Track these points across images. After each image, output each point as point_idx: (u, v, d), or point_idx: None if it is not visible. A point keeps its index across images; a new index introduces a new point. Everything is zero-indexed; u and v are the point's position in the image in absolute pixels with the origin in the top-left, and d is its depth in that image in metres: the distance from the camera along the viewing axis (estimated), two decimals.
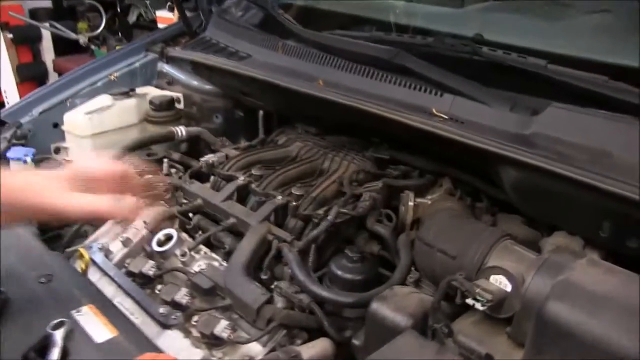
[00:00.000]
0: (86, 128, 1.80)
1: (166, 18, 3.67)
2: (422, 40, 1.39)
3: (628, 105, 1.05)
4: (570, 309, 0.79)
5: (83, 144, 1.82)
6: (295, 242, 1.24)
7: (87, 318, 1.02)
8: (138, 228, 1.43)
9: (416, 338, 0.91)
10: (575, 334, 0.77)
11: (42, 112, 1.87)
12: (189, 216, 1.47)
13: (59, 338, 0.95)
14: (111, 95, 1.87)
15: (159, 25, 3.71)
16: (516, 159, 1.05)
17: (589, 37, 1.29)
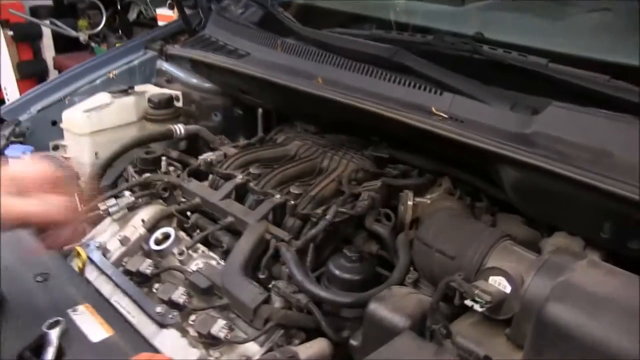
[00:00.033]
0: (85, 126, 1.80)
1: (166, 16, 3.66)
2: (422, 38, 1.38)
3: (629, 104, 1.04)
4: (570, 311, 0.78)
5: (81, 142, 1.82)
6: (293, 242, 1.24)
7: (83, 317, 1.02)
8: (136, 226, 1.42)
9: (414, 339, 0.91)
10: (575, 336, 0.76)
11: (41, 110, 1.86)
12: (187, 215, 1.46)
13: (54, 337, 0.94)
14: (110, 93, 1.86)
15: (159, 22, 3.71)
16: (516, 159, 1.04)
17: (590, 36, 1.28)
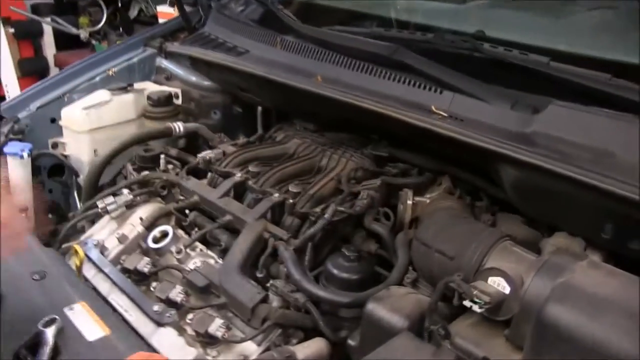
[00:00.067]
0: (84, 123, 1.79)
1: (167, 13, 3.65)
2: (422, 36, 1.37)
3: (631, 103, 1.03)
4: (570, 312, 0.77)
5: (80, 140, 1.82)
6: (291, 240, 1.23)
7: (80, 315, 1.01)
8: (134, 224, 1.42)
9: (412, 340, 0.90)
10: (575, 337, 0.75)
11: (40, 107, 1.86)
12: (186, 213, 1.45)
13: (50, 336, 0.94)
14: (109, 90, 1.86)
15: (160, 20, 3.70)
16: (516, 158, 1.03)
17: (592, 34, 1.27)
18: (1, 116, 1.81)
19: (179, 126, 1.74)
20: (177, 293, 1.18)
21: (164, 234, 1.38)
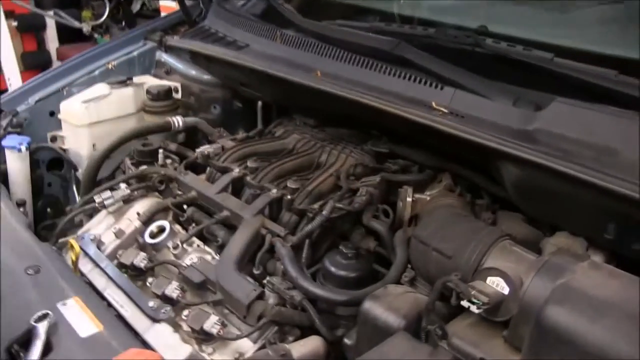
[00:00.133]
0: (83, 117, 1.78)
1: (169, 7, 3.63)
2: (424, 31, 1.35)
3: (637, 100, 1.01)
4: (570, 314, 0.76)
5: (79, 133, 1.80)
6: (289, 237, 1.22)
7: (73, 311, 1.00)
8: (131, 219, 1.41)
9: (408, 340, 0.88)
10: (574, 340, 0.74)
11: (39, 101, 1.84)
12: (183, 208, 1.44)
13: (42, 331, 0.93)
14: (108, 84, 1.84)
15: (162, 14, 3.68)
16: (517, 156, 1.01)
17: (597, 30, 1.24)
18: (0, 109, 1.80)
19: (179, 120, 1.73)
20: (173, 289, 1.16)
21: (161, 229, 1.37)
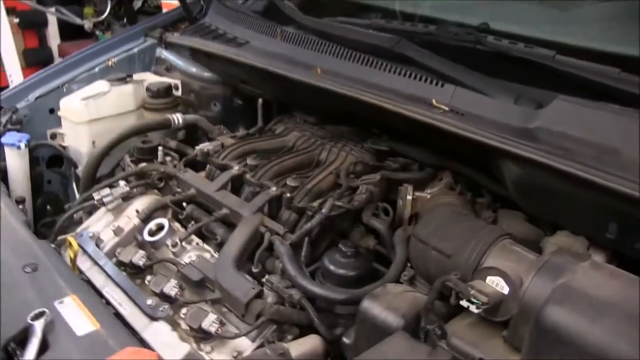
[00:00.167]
0: (82, 114, 1.77)
1: (171, 4, 3.62)
2: (425, 28, 1.34)
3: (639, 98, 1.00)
4: (570, 314, 0.75)
5: (79, 130, 1.80)
6: (288, 235, 1.21)
7: (70, 309, 1.00)
8: (130, 217, 1.40)
9: (407, 340, 0.88)
10: (574, 340, 0.73)
11: (38, 97, 1.84)
12: (183, 206, 1.44)
13: (39, 329, 0.92)
14: (108, 81, 1.84)
15: (164, 11, 3.67)
16: (518, 154, 1.00)
17: (601, 27, 1.23)
18: (0, 106, 1.80)
19: (179, 118, 1.72)
20: (172, 287, 1.16)
21: (160, 227, 1.36)
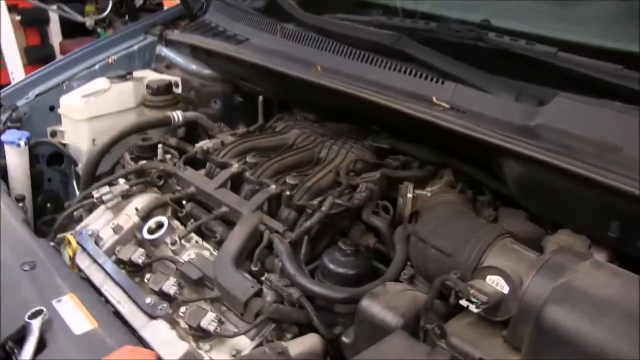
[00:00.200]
0: (82, 111, 1.77)
1: (172, 1, 3.61)
2: (425, 25, 1.32)
3: None
4: (570, 314, 0.74)
5: (79, 128, 1.79)
6: (287, 233, 1.20)
7: (68, 308, 0.99)
8: (129, 215, 1.40)
9: (406, 339, 0.87)
10: (575, 340, 0.72)
11: (38, 95, 1.84)
12: (182, 203, 1.43)
13: (36, 328, 0.92)
14: (108, 78, 1.83)
15: (165, 8, 3.66)
16: (519, 152, 0.99)
17: (602, 24, 1.21)
18: (0, 104, 1.79)
19: (179, 115, 1.72)
20: (171, 285, 1.15)
21: (159, 225, 1.36)
